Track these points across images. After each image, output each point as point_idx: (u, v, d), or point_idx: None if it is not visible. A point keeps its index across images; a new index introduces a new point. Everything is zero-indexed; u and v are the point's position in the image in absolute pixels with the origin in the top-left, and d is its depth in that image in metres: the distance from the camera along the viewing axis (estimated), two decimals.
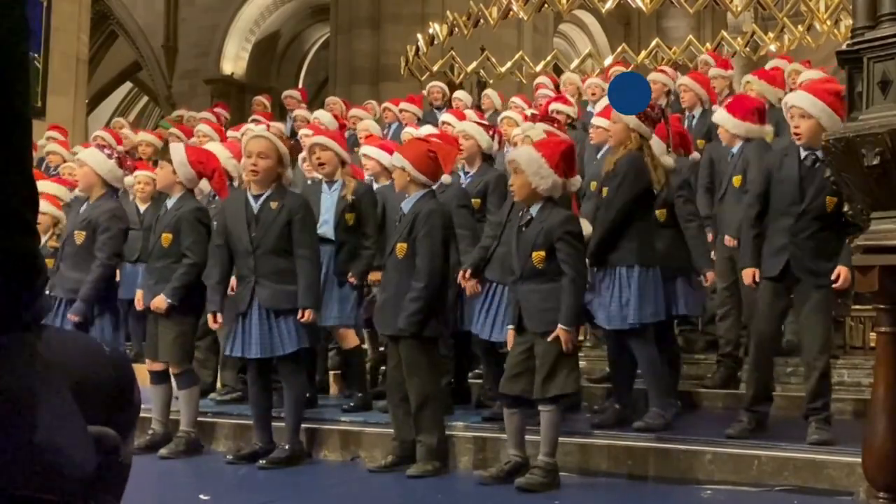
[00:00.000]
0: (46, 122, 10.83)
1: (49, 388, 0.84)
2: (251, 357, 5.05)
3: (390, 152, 6.64)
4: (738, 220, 5.28)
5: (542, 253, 4.42)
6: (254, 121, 9.63)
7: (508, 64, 12.55)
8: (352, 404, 5.73)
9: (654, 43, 12.62)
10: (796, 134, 4.64)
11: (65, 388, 0.86)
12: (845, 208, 3.17)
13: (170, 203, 5.51)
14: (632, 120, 5.04)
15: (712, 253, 5.78)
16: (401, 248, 4.82)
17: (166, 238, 5.40)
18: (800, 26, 11.17)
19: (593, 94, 8.74)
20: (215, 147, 6.66)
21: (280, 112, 13.05)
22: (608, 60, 12.76)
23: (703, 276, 5.34)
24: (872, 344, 4.91)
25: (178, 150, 5.58)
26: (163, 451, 5.32)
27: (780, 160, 4.77)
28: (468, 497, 4.50)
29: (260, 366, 5.09)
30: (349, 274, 5.68)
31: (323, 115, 9.15)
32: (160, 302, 5.30)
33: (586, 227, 5.02)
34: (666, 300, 5.06)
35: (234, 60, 20.67)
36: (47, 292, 5.43)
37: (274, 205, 5.05)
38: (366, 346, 6.46)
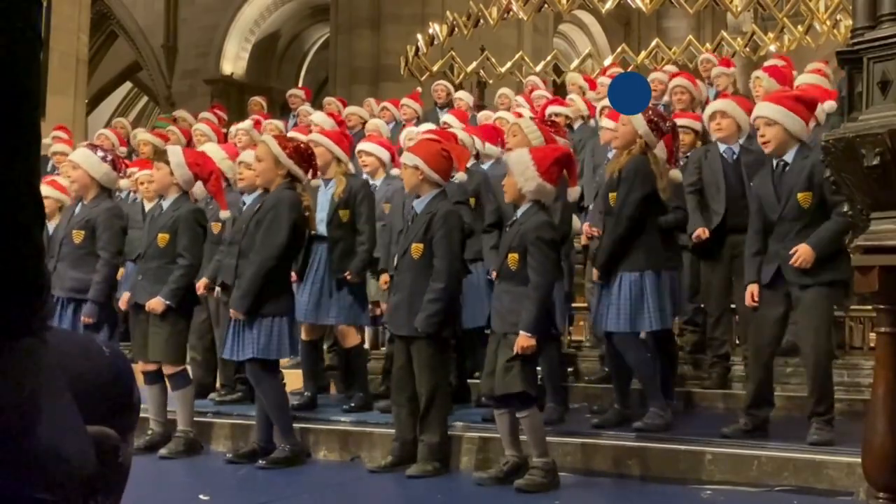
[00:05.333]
0: (46, 122, 10.82)
1: (49, 390, 0.84)
2: (223, 356, 5.13)
3: (389, 150, 6.65)
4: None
5: (516, 255, 4.45)
6: (256, 121, 9.61)
7: (508, 64, 12.55)
8: (352, 404, 5.72)
9: (654, 43, 12.63)
10: (764, 143, 4.76)
11: (65, 389, 0.86)
12: (845, 208, 3.17)
13: (165, 204, 5.51)
14: (641, 126, 5.00)
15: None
16: (416, 248, 4.81)
17: (163, 238, 5.40)
18: (800, 26, 11.17)
19: (598, 94, 8.73)
20: (211, 148, 6.66)
21: (280, 112, 13.06)
22: (608, 60, 12.76)
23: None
24: (872, 344, 4.91)
25: (175, 152, 5.60)
26: (162, 451, 5.32)
27: (760, 177, 4.91)
28: (468, 497, 4.49)
29: None
30: (347, 272, 5.66)
31: (317, 116, 9.08)
32: (157, 304, 5.29)
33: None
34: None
35: (234, 60, 20.66)
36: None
37: (256, 209, 5.11)
38: (367, 345, 6.45)
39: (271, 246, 4.96)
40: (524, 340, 4.31)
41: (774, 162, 4.77)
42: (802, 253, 4.51)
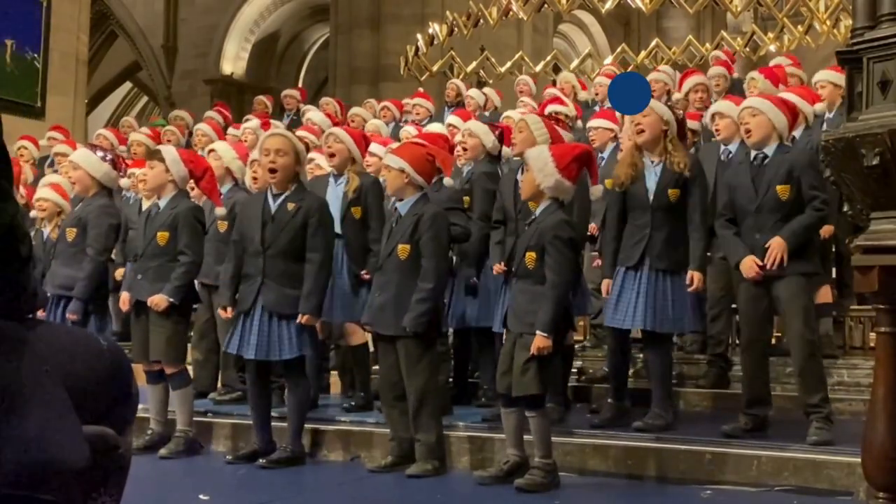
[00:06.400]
0: (46, 122, 10.82)
1: (41, 381, 0.83)
2: (248, 357, 5.05)
3: None
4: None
5: (534, 254, 4.43)
6: (265, 121, 9.57)
7: (508, 64, 12.54)
8: (352, 404, 5.72)
9: (653, 43, 12.62)
10: (748, 133, 4.85)
11: (57, 382, 0.85)
12: (845, 208, 3.17)
13: (162, 202, 5.48)
14: (665, 112, 5.01)
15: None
16: (403, 249, 4.81)
17: (163, 236, 5.38)
18: (799, 26, 11.17)
19: (596, 94, 8.70)
20: (222, 147, 6.64)
21: (280, 112, 13.06)
22: (608, 60, 12.76)
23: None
24: (872, 344, 4.91)
25: (169, 150, 5.61)
26: (162, 452, 5.32)
27: (735, 169, 5.01)
28: (468, 497, 4.50)
29: (259, 366, 5.07)
30: (364, 270, 5.62)
31: (315, 115, 9.06)
32: (161, 300, 5.28)
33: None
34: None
35: (233, 60, 20.65)
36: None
37: (291, 206, 5.01)
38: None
39: (328, 254, 5.08)
40: (541, 341, 4.30)
41: (753, 154, 4.84)
42: (776, 246, 4.59)
